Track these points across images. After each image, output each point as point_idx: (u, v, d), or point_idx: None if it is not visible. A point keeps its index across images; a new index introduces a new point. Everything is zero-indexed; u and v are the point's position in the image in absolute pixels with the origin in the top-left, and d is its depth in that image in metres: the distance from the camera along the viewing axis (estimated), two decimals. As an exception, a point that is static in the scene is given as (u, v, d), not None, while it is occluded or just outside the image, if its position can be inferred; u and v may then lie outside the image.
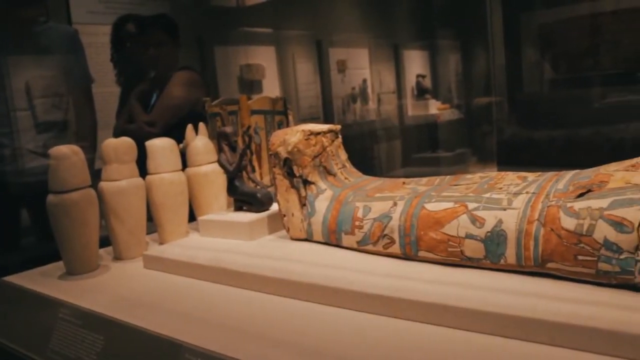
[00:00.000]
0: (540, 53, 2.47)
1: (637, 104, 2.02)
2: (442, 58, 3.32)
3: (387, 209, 1.04)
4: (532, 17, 2.48)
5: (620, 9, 2.20)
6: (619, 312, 0.76)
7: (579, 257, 0.82)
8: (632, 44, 2.18)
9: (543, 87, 2.48)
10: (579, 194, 0.85)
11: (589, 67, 2.28)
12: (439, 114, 3.20)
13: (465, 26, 3.00)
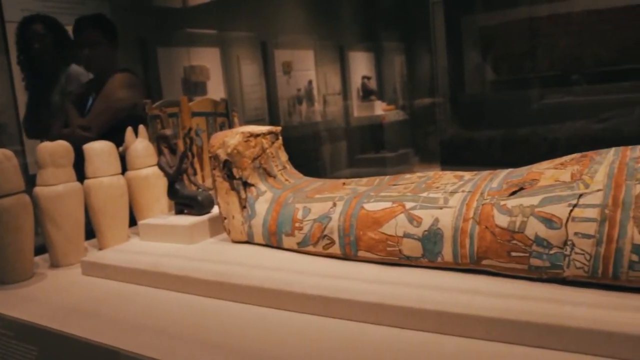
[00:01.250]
0: (482, 55, 2.52)
1: (573, 104, 2.08)
2: (387, 60, 3.35)
3: (327, 209, 1.04)
4: (473, 20, 2.53)
5: (556, 14, 2.27)
6: (549, 305, 0.78)
7: (512, 254, 0.84)
8: (568, 46, 2.25)
9: (484, 88, 2.53)
10: (511, 192, 0.87)
11: (528, 69, 2.35)
12: (385, 115, 3.23)
13: (409, 28, 3.04)
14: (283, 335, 0.89)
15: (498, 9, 2.46)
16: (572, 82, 2.18)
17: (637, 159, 0.82)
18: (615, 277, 0.78)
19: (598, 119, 1.86)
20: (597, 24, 2.17)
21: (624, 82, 1.97)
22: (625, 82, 1.97)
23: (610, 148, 0.90)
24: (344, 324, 0.90)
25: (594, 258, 0.78)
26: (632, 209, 0.76)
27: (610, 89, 2.00)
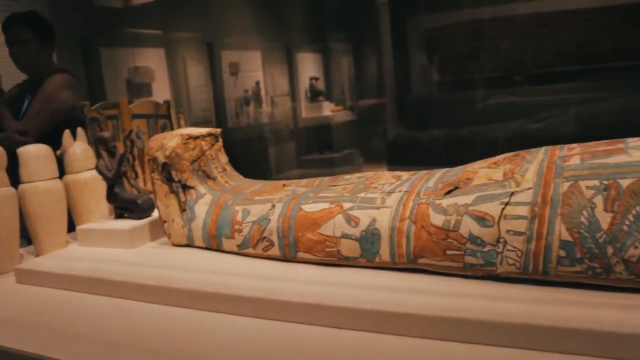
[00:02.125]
0: (427, 56, 2.55)
1: (514, 105, 2.13)
2: (334, 61, 3.36)
3: (266, 211, 1.03)
4: (418, 22, 2.56)
5: (498, 17, 2.32)
6: (483, 302, 0.79)
7: (447, 252, 0.85)
8: (509, 49, 2.30)
9: (430, 89, 2.57)
10: (447, 191, 0.89)
11: (472, 70, 2.39)
12: (332, 116, 3.24)
13: (356, 30, 3.05)
14: (221, 339, 0.88)
15: (442, 11, 2.50)
16: (514, 84, 2.23)
17: (565, 158, 0.84)
18: (545, 272, 0.80)
19: (535, 119, 1.91)
20: (537, 28, 2.22)
21: (561, 84, 2.03)
22: (562, 83, 2.03)
23: (540, 147, 0.92)
24: (282, 325, 0.90)
25: (525, 255, 0.80)
26: (559, 206, 0.78)
27: (548, 90, 2.06)
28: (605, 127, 1.84)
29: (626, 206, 0.75)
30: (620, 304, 0.76)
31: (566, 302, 0.77)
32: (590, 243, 0.76)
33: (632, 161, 0.79)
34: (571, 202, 0.78)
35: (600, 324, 0.73)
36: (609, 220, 0.75)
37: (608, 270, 0.77)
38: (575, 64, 2.12)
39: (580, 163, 0.82)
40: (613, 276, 0.77)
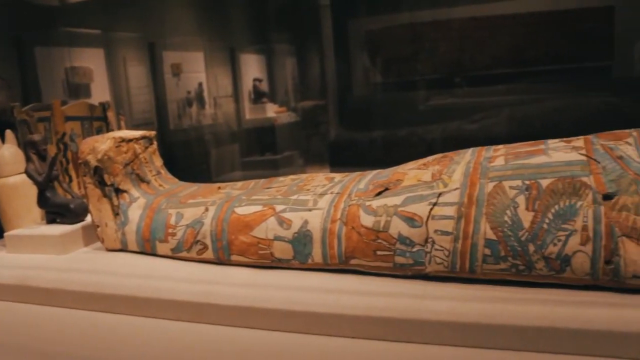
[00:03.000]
0: (368, 58, 2.58)
1: (453, 106, 2.17)
2: (278, 62, 3.35)
3: (199, 214, 1.03)
4: (359, 24, 2.59)
5: (438, 20, 2.36)
6: (411, 301, 0.81)
7: (377, 252, 0.86)
8: (448, 51, 2.35)
9: (372, 90, 2.59)
10: (377, 192, 0.90)
11: (412, 72, 2.43)
12: (276, 117, 3.23)
13: (300, 31, 3.05)
14: (155, 344, 0.87)
15: (383, 14, 2.53)
16: (453, 85, 2.28)
17: (491, 159, 0.86)
18: (471, 270, 0.82)
19: (471, 120, 1.96)
20: (475, 31, 2.28)
21: (496, 86, 2.09)
22: (497, 86, 2.08)
23: (468, 149, 0.94)
24: (216, 329, 0.90)
25: (452, 254, 0.82)
26: (484, 206, 0.80)
27: (484, 92, 2.11)
28: (537, 128, 1.90)
29: (546, 205, 0.78)
30: (541, 299, 0.78)
31: (491, 299, 0.79)
32: (513, 241, 0.78)
33: (551, 162, 0.81)
34: (495, 201, 0.80)
35: (523, 319, 0.75)
36: (531, 218, 0.78)
37: (530, 267, 0.79)
38: (511, 67, 2.18)
39: (504, 164, 0.84)
40: (535, 272, 0.79)
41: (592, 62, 2.15)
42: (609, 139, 0.85)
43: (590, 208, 0.76)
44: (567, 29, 2.15)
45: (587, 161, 0.80)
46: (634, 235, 0.74)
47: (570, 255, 0.76)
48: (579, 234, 0.76)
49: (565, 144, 0.86)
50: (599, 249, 0.75)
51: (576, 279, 0.78)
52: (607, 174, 0.78)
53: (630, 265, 0.75)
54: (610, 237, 0.75)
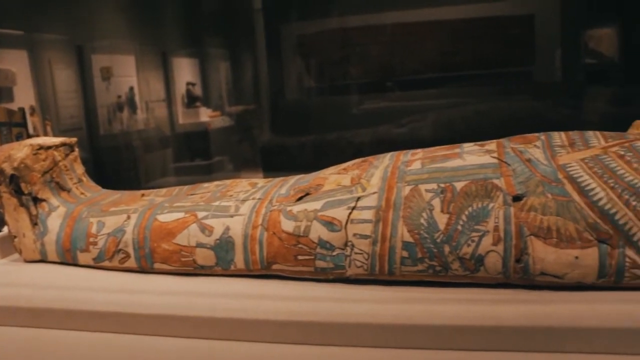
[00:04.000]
0: (301, 63, 2.59)
1: (382, 110, 2.21)
2: (212, 66, 3.32)
3: (121, 222, 1.01)
4: (292, 28, 2.59)
5: (368, 25, 2.40)
6: (332, 304, 0.82)
7: (299, 257, 0.87)
8: (379, 56, 2.39)
9: (304, 95, 2.60)
10: (298, 197, 0.90)
11: (344, 77, 2.45)
12: (210, 122, 3.20)
13: (233, 35, 3.04)
14: (77, 357, 0.85)
15: (315, 19, 2.54)
16: (383, 90, 2.31)
17: (408, 163, 0.89)
18: (390, 272, 0.84)
19: (398, 124, 2.00)
20: (404, 36, 2.32)
21: (424, 90, 2.14)
22: (425, 90, 2.13)
23: (387, 153, 0.96)
24: (139, 339, 0.88)
25: (372, 257, 0.83)
26: (401, 209, 0.82)
27: (412, 96, 2.15)
28: (460, 131, 1.96)
29: (460, 207, 0.80)
30: (457, 298, 0.81)
31: (410, 299, 0.81)
32: (430, 243, 0.81)
33: (466, 165, 0.84)
34: (412, 205, 0.82)
35: (440, 318, 0.77)
36: (446, 221, 0.80)
37: (446, 268, 0.81)
38: (438, 72, 2.23)
39: (421, 167, 0.86)
40: (451, 273, 0.82)
41: (514, 67, 2.23)
42: (519, 143, 0.88)
43: (501, 209, 0.79)
44: (491, 35, 2.23)
45: (498, 164, 0.83)
46: (541, 234, 0.78)
47: (484, 255, 0.79)
48: (491, 235, 0.79)
49: (479, 147, 0.89)
50: (510, 248, 0.78)
51: (490, 277, 0.81)
52: (516, 176, 0.81)
53: (538, 263, 0.78)
54: (520, 236, 0.78)
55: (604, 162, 0.81)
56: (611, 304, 0.76)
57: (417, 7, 2.33)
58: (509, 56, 2.25)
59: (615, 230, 0.77)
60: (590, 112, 2.12)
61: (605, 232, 0.77)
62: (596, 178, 0.79)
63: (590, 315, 0.75)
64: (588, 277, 0.78)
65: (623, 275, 0.77)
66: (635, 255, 0.77)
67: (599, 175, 0.79)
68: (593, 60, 2.18)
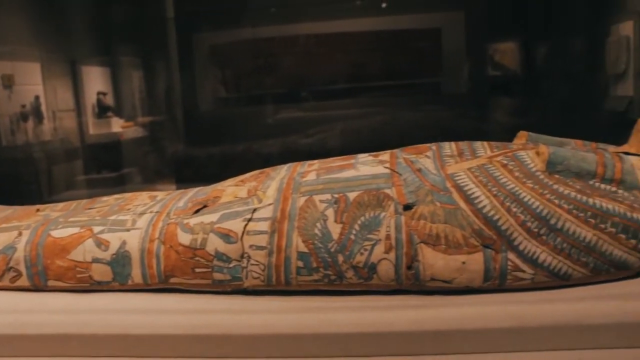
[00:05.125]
0: (214, 73, 2.58)
1: (292, 120, 2.23)
2: (124, 75, 3.24)
3: (12, 239, 0.97)
4: (204, 38, 2.58)
5: (281, 35, 2.42)
6: (228, 317, 0.82)
7: (196, 270, 0.87)
8: (291, 67, 2.41)
9: (217, 105, 2.59)
10: (195, 210, 0.90)
11: (256, 87, 2.46)
12: (122, 132, 3.12)
13: (146, 44, 2.98)
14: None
15: (227, 29, 2.54)
16: (295, 100, 2.34)
17: (303, 174, 0.90)
18: (287, 283, 0.85)
19: (307, 134, 2.03)
20: (316, 47, 2.36)
21: (334, 101, 2.18)
22: (335, 100, 2.18)
23: (285, 164, 0.98)
24: (30, 361, 0.85)
25: (268, 268, 0.84)
26: (296, 219, 0.84)
27: (321, 106, 2.19)
28: (366, 141, 2.01)
29: (353, 217, 0.82)
30: (352, 306, 0.83)
31: (306, 309, 0.82)
32: (324, 253, 0.82)
33: (359, 175, 0.87)
34: (307, 215, 0.84)
35: (335, 326, 0.79)
36: (339, 230, 0.82)
37: (341, 277, 0.83)
38: (349, 83, 2.28)
39: (316, 178, 0.88)
40: (345, 281, 0.84)
41: (422, 79, 2.30)
42: (411, 153, 0.92)
43: (393, 218, 0.82)
44: (399, 47, 2.29)
45: (390, 174, 0.86)
46: (430, 241, 0.81)
47: (376, 263, 0.82)
48: (383, 243, 0.81)
49: (373, 158, 0.92)
50: (401, 256, 0.81)
51: (383, 285, 0.84)
52: (407, 185, 0.84)
53: (428, 269, 0.81)
54: (410, 244, 0.81)
55: (488, 171, 0.86)
56: (495, 305, 0.80)
57: (329, 19, 2.37)
58: (417, 68, 2.32)
59: (498, 235, 0.81)
60: (493, 123, 2.22)
61: (489, 238, 0.81)
62: (481, 186, 0.83)
63: (475, 317, 0.79)
64: (475, 281, 0.82)
65: (506, 277, 0.82)
66: (516, 259, 0.81)
67: (483, 183, 0.84)
68: (497, 73, 2.29)
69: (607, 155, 0.89)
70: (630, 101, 1.83)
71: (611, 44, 1.89)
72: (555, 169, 0.86)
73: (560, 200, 0.82)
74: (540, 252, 0.81)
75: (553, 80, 2.20)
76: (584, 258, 0.82)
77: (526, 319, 0.78)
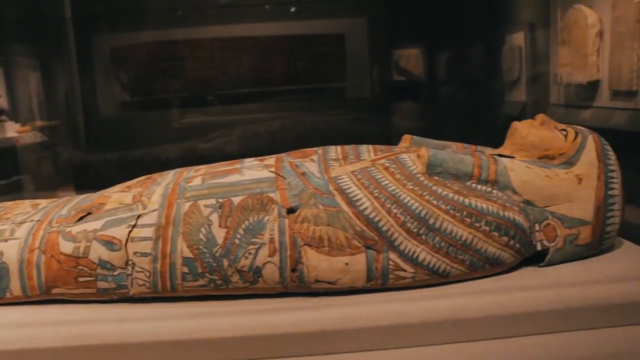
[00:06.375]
0: (116, 76, 2.51)
1: (194, 125, 2.20)
2: (19, 77, 3.09)
3: None
4: (103, 40, 2.50)
5: (184, 39, 2.38)
6: (114, 325, 0.80)
7: (79, 279, 0.85)
8: (195, 70, 2.38)
9: (119, 109, 2.52)
10: (79, 217, 0.88)
11: (161, 91, 2.41)
12: (18, 137, 2.98)
13: (44, 44, 2.86)
14: None
15: (128, 31, 2.48)
16: (197, 104, 2.31)
17: (189, 179, 0.90)
18: (173, 289, 0.84)
19: (207, 139, 2.02)
20: (220, 51, 2.34)
21: (237, 105, 2.17)
22: (238, 105, 2.17)
23: (172, 170, 0.97)
24: None
25: (153, 274, 0.83)
26: (181, 225, 0.84)
27: (224, 111, 2.18)
28: (264, 146, 2.02)
29: (237, 221, 0.83)
30: (238, 310, 0.83)
31: (191, 315, 0.82)
32: (209, 258, 0.82)
33: (243, 180, 0.88)
34: (191, 220, 0.84)
35: (219, 331, 0.79)
36: (224, 235, 0.83)
37: (227, 281, 0.84)
38: (254, 87, 2.28)
39: (201, 183, 0.88)
40: (232, 286, 0.84)
41: (326, 84, 2.34)
42: (297, 157, 0.93)
43: (276, 222, 0.83)
44: (304, 52, 2.32)
45: (275, 178, 0.88)
46: (314, 243, 0.83)
47: (261, 267, 0.83)
48: (267, 247, 0.83)
49: (259, 162, 0.93)
50: (285, 258, 0.83)
51: (269, 288, 0.85)
52: (291, 189, 0.86)
53: (312, 271, 0.83)
54: (294, 247, 0.83)
55: (371, 173, 0.89)
56: (378, 304, 0.83)
57: (233, 23, 2.36)
58: (321, 73, 2.35)
59: (380, 236, 0.84)
60: (395, 127, 2.29)
61: (371, 239, 0.84)
62: (363, 189, 0.86)
63: (359, 317, 0.81)
64: (358, 281, 0.85)
65: (388, 277, 0.85)
66: (397, 259, 0.84)
67: (365, 186, 0.86)
68: (402, 78, 2.35)
69: (483, 158, 0.94)
70: (523, 106, 1.93)
71: (505, 53, 1.99)
72: (435, 171, 0.90)
73: (438, 200, 0.86)
74: (420, 251, 0.85)
75: (454, 86, 2.29)
76: (460, 256, 0.86)
77: (407, 316, 0.81)
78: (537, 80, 1.87)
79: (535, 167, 0.93)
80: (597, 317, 0.84)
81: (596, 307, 0.84)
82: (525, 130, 1.00)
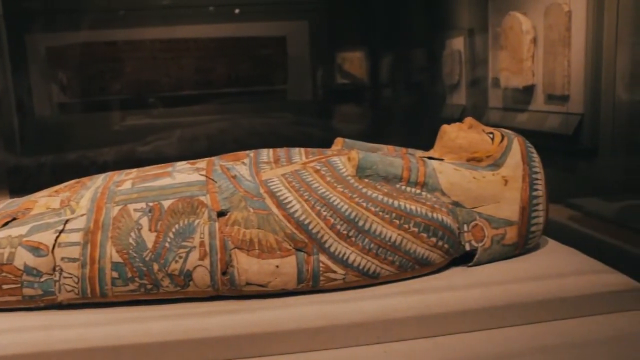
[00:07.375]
0: (52, 77, 2.44)
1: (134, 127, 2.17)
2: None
3: None
4: (38, 40, 2.44)
5: (125, 39, 2.34)
6: (40, 333, 0.79)
7: (3, 287, 0.83)
8: (136, 71, 2.35)
9: (56, 111, 2.46)
10: (4, 223, 0.86)
11: (99, 92, 2.37)
12: (-51, 140, 2.87)
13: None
14: None
15: (64, 31, 2.42)
16: (136, 107, 2.27)
17: (119, 183, 0.89)
18: (103, 294, 0.83)
19: (145, 141, 1.99)
20: (161, 53, 2.31)
21: (178, 108, 2.15)
22: (179, 107, 2.15)
23: (102, 174, 0.96)
24: None
25: (82, 280, 0.82)
26: (110, 229, 0.83)
27: (164, 113, 2.15)
28: (202, 149, 2.01)
29: (167, 225, 0.83)
30: (168, 314, 0.83)
31: (120, 320, 0.82)
32: (139, 262, 0.82)
33: (174, 183, 0.87)
34: (121, 225, 0.83)
35: (148, 336, 0.79)
36: (154, 239, 0.83)
37: (157, 285, 0.83)
38: (196, 89, 2.26)
39: (131, 187, 0.88)
40: (162, 290, 0.84)
41: (268, 86, 2.34)
42: (229, 160, 0.94)
43: (207, 225, 0.83)
44: (245, 54, 2.31)
45: (205, 181, 0.88)
46: (244, 246, 0.83)
47: (192, 270, 0.83)
48: (197, 250, 0.83)
49: (191, 165, 0.93)
50: (216, 262, 0.83)
51: (200, 291, 0.85)
52: (221, 192, 0.86)
53: (243, 274, 0.84)
54: (225, 250, 0.83)
55: (301, 176, 0.90)
56: (308, 306, 0.84)
57: (174, 24, 2.34)
58: (263, 76, 2.35)
59: (310, 238, 0.85)
60: (336, 130, 2.30)
61: (301, 241, 0.85)
62: (293, 192, 0.87)
63: (290, 319, 0.82)
64: (289, 283, 0.85)
65: (319, 279, 0.86)
66: (327, 260, 0.86)
67: (296, 189, 0.87)
68: (346, 81, 2.37)
69: (413, 160, 0.97)
70: (463, 109, 1.98)
71: (446, 57, 2.04)
72: (365, 174, 0.92)
73: (368, 203, 0.88)
74: (350, 253, 0.86)
75: (396, 89, 2.32)
76: (390, 257, 0.88)
77: (337, 317, 0.83)
78: (476, 84, 1.92)
79: (463, 169, 0.96)
80: (522, 313, 0.87)
81: (520, 304, 0.87)
82: (454, 133, 1.03)
